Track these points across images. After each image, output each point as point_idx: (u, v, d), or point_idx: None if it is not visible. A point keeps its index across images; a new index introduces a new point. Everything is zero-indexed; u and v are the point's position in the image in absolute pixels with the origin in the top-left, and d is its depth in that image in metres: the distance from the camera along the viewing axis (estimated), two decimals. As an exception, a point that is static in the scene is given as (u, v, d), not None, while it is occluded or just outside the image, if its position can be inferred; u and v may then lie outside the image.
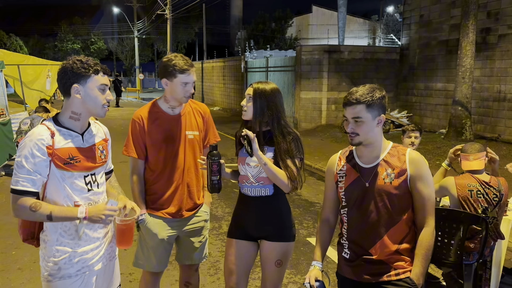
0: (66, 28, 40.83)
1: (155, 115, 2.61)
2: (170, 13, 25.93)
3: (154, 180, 2.64)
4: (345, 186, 2.06)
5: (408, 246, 1.98)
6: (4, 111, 7.83)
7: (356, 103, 1.92)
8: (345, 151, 2.16)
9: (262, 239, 2.48)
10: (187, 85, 2.52)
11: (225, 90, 22.39)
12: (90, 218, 1.95)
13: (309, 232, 5.16)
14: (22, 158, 1.87)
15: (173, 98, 2.58)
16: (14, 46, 32.06)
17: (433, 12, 12.66)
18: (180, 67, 2.48)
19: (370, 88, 1.95)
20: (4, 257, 4.29)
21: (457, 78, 10.26)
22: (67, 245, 1.99)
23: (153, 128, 2.58)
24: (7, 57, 10.05)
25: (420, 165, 1.96)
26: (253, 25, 31.76)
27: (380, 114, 1.96)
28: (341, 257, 2.13)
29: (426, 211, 1.96)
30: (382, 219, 1.96)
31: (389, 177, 1.95)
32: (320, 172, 8.39)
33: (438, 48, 12.47)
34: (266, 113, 2.38)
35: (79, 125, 2.02)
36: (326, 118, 13.23)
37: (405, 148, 2.02)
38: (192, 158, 2.68)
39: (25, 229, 2.08)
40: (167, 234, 2.66)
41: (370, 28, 36.86)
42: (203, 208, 2.81)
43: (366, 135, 1.95)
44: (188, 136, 2.65)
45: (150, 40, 44.12)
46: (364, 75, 13.44)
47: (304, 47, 13.69)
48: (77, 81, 1.95)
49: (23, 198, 1.87)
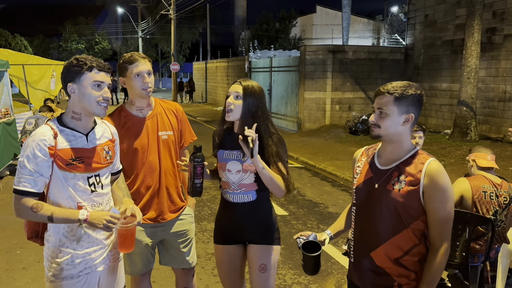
0: (70, 28, 40.94)
1: (123, 119, 2.49)
2: (174, 13, 25.94)
3: (130, 186, 2.52)
4: (357, 183, 1.99)
5: (414, 259, 1.85)
6: (9, 111, 7.85)
7: (385, 93, 1.82)
8: (370, 148, 2.06)
9: (247, 242, 2.43)
10: (140, 75, 2.40)
11: (229, 90, 22.37)
12: (91, 222, 1.93)
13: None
14: (25, 158, 1.87)
15: (136, 96, 2.46)
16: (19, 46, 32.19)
17: (438, 12, 12.61)
18: (128, 59, 2.41)
19: (406, 83, 1.83)
20: (8, 257, 4.30)
21: (462, 78, 10.20)
22: (69, 246, 1.99)
23: (122, 133, 2.42)
24: (12, 57, 10.08)
25: (438, 177, 1.76)
26: (257, 25, 31.72)
27: (410, 112, 1.81)
28: (350, 262, 2.08)
29: (440, 229, 1.79)
30: (385, 225, 1.86)
31: (399, 183, 1.82)
32: (324, 172, 8.36)
33: (443, 48, 12.41)
34: (256, 114, 2.25)
35: (82, 125, 2.00)
36: (330, 118, 13.19)
37: (427, 157, 1.83)
38: (168, 159, 2.58)
39: (30, 227, 2.09)
40: (150, 240, 2.60)
41: (375, 28, 36.76)
42: (187, 210, 2.74)
43: (387, 130, 1.82)
44: (161, 137, 2.54)
45: (154, 40, 44.18)
46: (368, 75, 13.40)
47: (308, 47, 13.66)
48: (72, 79, 1.94)
49: (25, 198, 1.87)
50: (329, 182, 7.73)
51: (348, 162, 8.79)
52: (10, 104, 8.09)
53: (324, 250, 4.59)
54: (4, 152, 7.15)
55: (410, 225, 1.82)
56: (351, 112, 13.26)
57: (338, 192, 7.06)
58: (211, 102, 26.05)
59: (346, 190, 7.18)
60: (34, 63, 10.83)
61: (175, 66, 24.89)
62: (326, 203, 6.38)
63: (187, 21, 40.21)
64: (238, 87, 2.27)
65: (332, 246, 4.70)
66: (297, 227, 5.26)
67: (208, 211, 5.83)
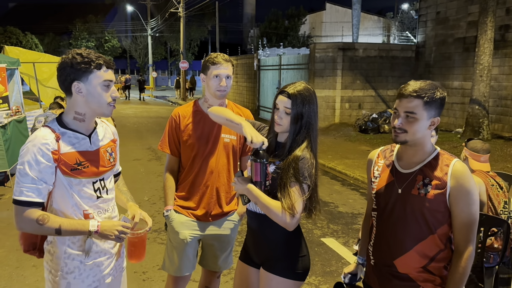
0: (80, 27, 41.21)
1: (194, 114, 2.58)
2: (183, 11, 25.97)
3: (184, 178, 2.60)
4: (377, 188, 1.90)
5: (440, 265, 1.78)
6: (20, 109, 7.90)
7: (415, 96, 1.70)
8: (386, 149, 1.97)
9: (261, 265, 2.13)
10: (218, 77, 2.47)
11: (238, 88, 22.35)
12: (102, 233, 1.79)
13: (323, 232, 5.09)
14: (26, 165, 1.68)
15: (210, 95, 2.54)
16: (30, 44, 32.44)
17: (450, 9, 12.45)
18: (212, 59, 2.47)
19: (432, 84, 1.74)
20: (19, 255, 4.31)
21: (474, 76, 10.06)
22: (76, 258, 1.83)
23: (188, 126, 2.55)
24: (23, 55, 10.15)
25: (464, 179, 1.70)
26: (266, 23, 31.64)
27: (436, 116, 1.74)
28: (368, 265, 1.99)
29: (465, 233, 1.72)
30: (411, 231, 1.77)
31: (424, 187, 1.73)
32: (333, 171, 8.30)
33: (454, 46, 12.26)
34: (303, 131, 1.97)
35: (84, 126, 1.84)
36: (340, 116, 13.11)
37: (451, 158, 1.76)
38: (225, 162, 2.59)
39: (27, 239, 1.90)
40: (189, 234, 2.57)
41: (385, 26, 36.49)
42: (233, 217, 2.69)
43: (415, 135, 1.73)
44: (224, 139, 2.57)
45: (163, 38, 44.30)
46: (379, 73, 13.29)
47: (317, 45, 13.57)
48: (78, 78, 1.74)
49: (28, 209, 1.69)
50: (338, 181, 7.67)
51: (358, 161, 8.72)
52: (21, 101, 8.14)
53: (335, 250, 4.54)
54: (15, 149, 7.19)
55: (437, 230, 1.75)
56: (361, 110, 13.16)
57: (348, 191, 7.00)
58: (220, 100, 26.03)
59: (356, 189, 7.11)
60: (44, 61, 10.89)
61: (184, 64, 24.94)
62: (336, 202, 6.33)
63: (196, 19, 40.25)
64: (285, 102, 1.96)
65: (343, 246, 4.66)
66: (307, 227, 5.21)
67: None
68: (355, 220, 5.54)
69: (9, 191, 6.56)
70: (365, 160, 2.12)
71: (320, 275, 4.00)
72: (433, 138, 3.50)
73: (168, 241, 2.65)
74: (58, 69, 1.78)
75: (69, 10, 52.48)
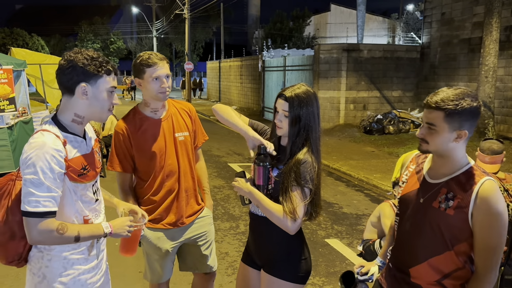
0: (86, 28, 41.44)
1: (139, 122, 2.40)
2: (188, 12, 26.04)
3: (148, 190, 2.44)
4: (402, 193, 1.84)
5: (455, 283, 1.69)
6: (26, 110, 7.96)
7: (435, 108, 1.61)
8: (420, 155, 1.88)
9: (262, 267, 2.12)
10: (158, 79, 2.31)
11: (242, 90, 22.38)
12: (115, 233, 1.80)
13: (327, 233, 5.10)
14: (40, 174, 1.60)
15: (151, 98, 2.38)
16: (36, 46, 32.65)
17: (455, 10, 12.41)
18: (146, 61, 2.30)
19: (459, 93, 1.60)
20: (25, 254, 4.34)
21: (479, 77, 10.02)
22: (75, 262, 1.79)
23: (138, 136, 2.37)
24: (29, 57, 10.23)
25: (491, 202, 1.57)
26: (271, 24, 31.68)
27: (463, 128, 1.60)
28: (387, 266, 1.96)
29: (486, 258, 1.61)
30: (426, 243, 1.71)
31: (445, 202, 1.65)
32: (338, 172, 8.30)
33: (460, 47, 12.21)
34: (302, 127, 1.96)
35: (80, 128, 1.80)
36: (344, 117, 13.09)
37: (482, 176, 1.63)
38: (186, 161, 2.50)
39: (12, 250, 1.75)
40: (171, 245, 2.53)
41: (390, 27, 36.38)
42: (205, 212, 2.67)
43: (437, 146, 1.65)
44: (178, 138, 2.46)
45: (169, 39, 44.42)
46: (383, 74, 13.26)
47: (322, 46, 13.57)
48: (86, 80, 1.69)
49: (46, 220, 1.61)
50: (343, 182, 7.66)
51: (363, 162, 8.71)
52: (27, 103, 8.21)
53: (339, 251, 4.55)
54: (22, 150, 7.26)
55: (454, 247, 1.66)
56: (365, 111, 13.14)
57: (352, 192, 7.00)
58: (224, 101, 26.09)
59: (361, 190, 7.11)
60: (50, 63, 10.95)
61: (189, 65, 25.01)
62: (340, 203, 6.33)
63: (201, 21, 40.33)
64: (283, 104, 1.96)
65: (347, 247, 4.66)
66: (311, 227, 5.22)
67: (221, 210, 5.82)
68: (359, 221, 5.54)
69: (15, 192, 6.62)
70: (370, 161, 2.13)
71: (324, 276, 4.01)
72: None
73: (146, 255, 2.57)
74: (64, 66, 1.70)
75: (75, 12, 52.76)
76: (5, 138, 6.67)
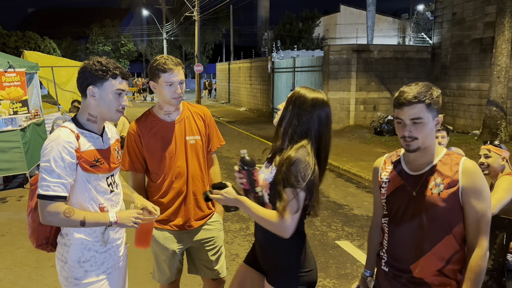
0: (97, 31, 41.82)
1: (151, 124, 2.46)
2: (198, 15, 26.14)
3: (157, 192, 2.48)
4: (387, 193, 1.88)
5: (455, 268, 1.76)
6: (38, 112, 8.05)
7: (416, 102, 1.70)
8: (392, 155, 1.97)
9: (266, 276, 2.04)
10: (172, 85, 2.34)
11: (252, 91, 22.40)
12: (121, 223, 1.97)
13: (337, 235, 5.07)
14: (52, 162, 1.82)
15: (164, 102, 2.42)
16: (48, 48, 33.01)
17: (466, 10, 12.29)
18: (162, 66, 2.33)
19: (425, 86, 1.74)
20: (38, 255, 4.39)
21: (491, 78, 9.92)
22: (92, 248, 1.98)
23: (149, 138, 2.43)
24: (42, 59, 10.35)
25: (475, 177, 1.71)
26: (280, 26, 31.63)
27: (437, 115, 1.75)
28: (379, 270, 1.95)
29: (478, 230, 1.72)
30: (427, 234, 1.75)
31: (437, 187, 1.73)
32: (348, 173, 8.26)
33: (471, 47, 12.09)
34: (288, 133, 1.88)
35: (97, 127, 2.01)
36: (354, 118, 13.04)
37: (459, 157, 1.77)
38: (196, 164, 2.52)
39: (40, 234, 2.03)
40: (177, 247, 2.55)
41: (400, 27, 36.17)
42: (215, 217, 2.66)
43: (425, 138, 1.73)
44: (189, 142, 2.48)
45: (178, 42, 44.66)
46: (394, 75, 13.19)
47: (332, 47, 13.53)
48: (94, 83, 1.92)
49: (55, 203, 1.82)
50: (353, 183, 7.63)
51: (373, 163, 8.64)
52: (40, 105, 8.29)
53: (350, 253, 4.52)
54: (34, 152, 7.33)
55: (452, 230, 1.74)
56: (376, 112, 13.07)
57: (363, 193, 6.96)
58: (234, 102, 26.13)
59: (371, 192, 7.04)
60: (62, 65, 11.09)
61: (198, 67, 25.09)
62: (351, 205, 6.30)
63: (211, 23, 40.49)
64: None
65: (358, 249, 4.63)
66: (321, 229, 5.20)
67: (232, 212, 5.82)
68: (370, 222, 5.50)
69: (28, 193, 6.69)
70: (381, 162, 2.10)
71: (335, 278, 3.99)
72: (444, 139, 3.46)
73: (154, 255, 2.61)
74: (78, 72, 1.95)
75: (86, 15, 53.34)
76: (18, 140, 6.75)
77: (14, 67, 6.72)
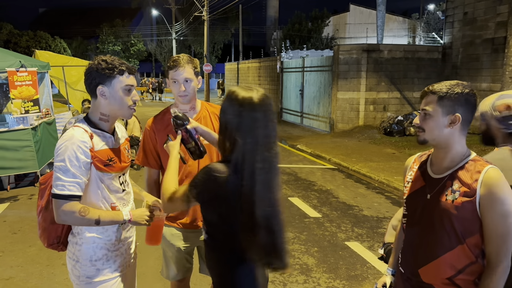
0: (107, 31, 42.11)
1: (167, 121, 2.46)
2: (207, 14, 26.19)
3: None
4: (408, 193, 1.84)
5: (468, 279, 1.67)
6: (49, 111, 8.12)
7: (429, 92, 1.68)
8: (422, 154, 1.90)
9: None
10: (177, 82, 2.37)
11: (261, 91, 22.38)
12: (134, 221, 1.99)
13: (347, 236, 5.05)
14: (67, 162, 1.82)
15: (176, 99, 2.46)
16: (59, 48, 33.32)
17: (478, 9, 12.16)
18: (170, 63, 2.38)
19: (454, 82, 1.67)
20: (49, 253, 4.43)
21: (503, 78, 9.79)
22: (104, 247, 2.00)
23: (163, 135, 2.42)
24: (52, 59, 10.43)
25: (496, 187, 1.57)
26: (289, 25, 31.58)
27: (455, 112, 1.63)
28: (398, 271, 1.93)
29: (497, 245, 1.60)
30: (439, 239, 1.68)
31: (452, 194, 1.65)
32: (357, 174, 8.22)
33: (483, 47, 11.96)
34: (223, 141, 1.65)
35: (108, 126, 2.01)
36: (364, 119, 12.97)
37: (485, 164, 1.64)
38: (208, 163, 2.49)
39: (51, 234, 2.02)
40: (183, 245, 2.57)
41: (410, 27, 35.90)
42: None
43: (432, 133, 1.68)
44: (203, 142, 2.44)
45: (188, 41, 44.79)
46: (404, 75, 13.09)
47: (341, 47, 13.47)
48: (102, 82, 1.91)
49: (70, 203, 1.83)
50: (363, 184, 7.58)
51: (383, 163, 8.60)
52: (51, 104, 8.36)
53: (360, 254, 4.50)
54: (45, 151, 7.40)
55: (466, 240, 1.65)
56: (386, 112, 12.98)
57: (372, 194, 6.91)
58: (243, 102, 26.12)
59: (381, 192, 7.02)
60: (73, 65, 11.16)
61: (207, 67, 25.14)
62: (361, 205, 6.26)
63: (220, 22, 40.53)
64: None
65: (368, 250, 4.60)
66: (331, 230, 5.18)
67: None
68: (380, 224, 5.47)
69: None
70: (390, 163, 2.10)
71: (345, 279, 3.97)
72: None
73: (163, 250, 2.65)
74: (85, 74, 1.95)
75: (96, 15, 53.68)
76: (29, 138, 6.81)
77: (25, 67, 6.78)
